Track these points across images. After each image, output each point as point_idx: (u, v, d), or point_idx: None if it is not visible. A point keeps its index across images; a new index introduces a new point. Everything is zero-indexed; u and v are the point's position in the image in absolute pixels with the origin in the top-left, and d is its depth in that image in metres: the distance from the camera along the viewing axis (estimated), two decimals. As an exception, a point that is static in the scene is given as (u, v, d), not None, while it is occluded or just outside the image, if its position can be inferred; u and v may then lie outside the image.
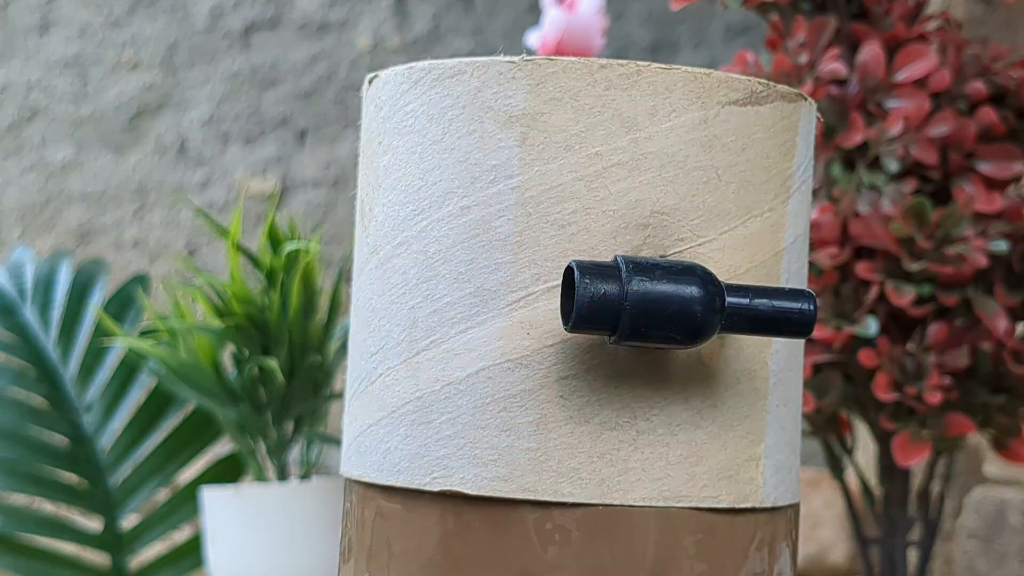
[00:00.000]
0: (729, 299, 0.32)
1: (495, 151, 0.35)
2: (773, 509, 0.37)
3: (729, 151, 0.35)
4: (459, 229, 0.35)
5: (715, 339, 0.34)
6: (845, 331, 0.73)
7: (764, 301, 0.32)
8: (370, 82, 0.39)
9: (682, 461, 0.35)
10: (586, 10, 1.07)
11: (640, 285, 0.31)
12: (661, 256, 0.34)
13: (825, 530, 1.29)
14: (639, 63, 0.35)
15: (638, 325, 0.31)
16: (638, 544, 0.34)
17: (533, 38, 1.12)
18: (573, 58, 0.35)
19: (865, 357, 0.72)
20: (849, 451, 0.82)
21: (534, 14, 1.50)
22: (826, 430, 0.80)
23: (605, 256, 0.34)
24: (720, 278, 0.33)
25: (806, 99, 0.37)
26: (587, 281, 0.31)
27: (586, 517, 0.34)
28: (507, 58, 0.35)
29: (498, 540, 0.35)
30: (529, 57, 0.35)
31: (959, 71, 0.75)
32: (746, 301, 0.32)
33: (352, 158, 1.87)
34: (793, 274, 0.37)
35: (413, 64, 0.37)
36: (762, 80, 0.36)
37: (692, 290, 0.31)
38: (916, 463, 0.73)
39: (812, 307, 0.33)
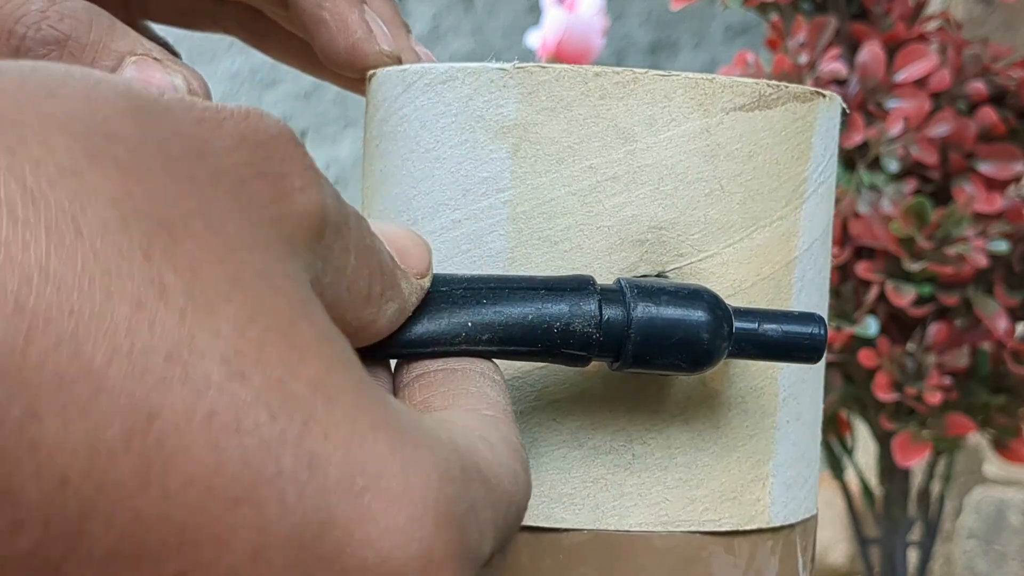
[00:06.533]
0: (737, 324, 0.30)
1: (486, 163, 0.33)
2: (781, 528, 0.35)
3: (734, 160, 0.33)
4: (451, 243, 0.34)
5: None
6: (845, 331, 0.72)
7: (773, 326, 0.31)
8: (369, 80, 0.37)
9: (681, 485, 0.33)
10: (586, 10, 1.07)
11: (645, 311, 0.29)
12: (659, 273, 0.33)
13: (825, 530, 1.28)
14: (636, 70, 0.33)
15: (642, 353, 0.29)
16: (631, 569, 0.33)
17: (533, 38, 1.12)
18: (567, 66, 0.33)
19: (865, 357, 0.72)
20: (849, 451, 0.82)
21: (534, 14, 1.50)
22: (826, 430, 0.80)
23: (599, 274, 0.33)
24: (725, 294, 0.31)
25: (825, 95, 0.35)
26: None
27: (579, 542, 0.33)
28: (498, 65, 0.33)
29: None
30: (521, 64, 0.33)
31: (959, 71, 0.75)
32: (754, 326, 0.31)
33: (352, 158, 1.86)
34: (808, 282, 0.35)
35: (407, 66, 0.36)
36: (772, 82, 0.34)
37: (699, 316, 0.29)
38: (916, 463, 0.73)
39: (822, 331, 0.31)
